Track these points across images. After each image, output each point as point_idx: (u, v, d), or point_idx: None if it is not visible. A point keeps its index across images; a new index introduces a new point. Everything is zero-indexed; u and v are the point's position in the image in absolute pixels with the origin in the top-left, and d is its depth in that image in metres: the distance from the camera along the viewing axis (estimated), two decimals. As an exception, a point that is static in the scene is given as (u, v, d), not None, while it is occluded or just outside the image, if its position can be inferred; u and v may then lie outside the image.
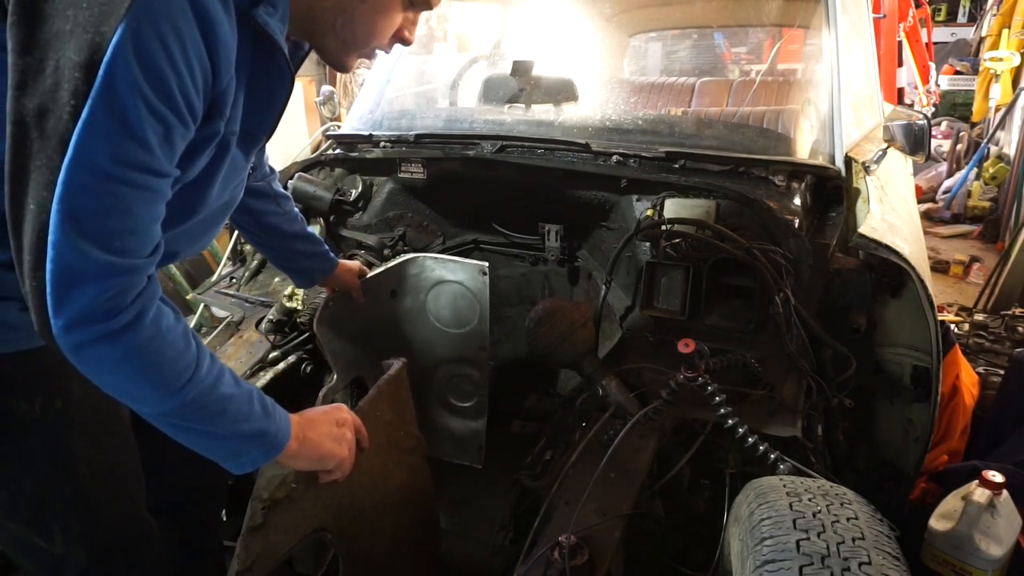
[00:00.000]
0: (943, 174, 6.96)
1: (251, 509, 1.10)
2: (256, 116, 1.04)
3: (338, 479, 1.16)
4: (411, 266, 1.83)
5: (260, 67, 0.98)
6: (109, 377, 0.88)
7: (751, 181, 1.75)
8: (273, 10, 0.94)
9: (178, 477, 1.37)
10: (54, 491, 1.11)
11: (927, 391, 1.63)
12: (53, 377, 1.07)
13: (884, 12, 4.90)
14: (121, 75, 0.77)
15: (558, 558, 1.18)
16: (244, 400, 0.97)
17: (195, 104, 0.86)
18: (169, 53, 0.79)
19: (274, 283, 2.14)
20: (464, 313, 1.85)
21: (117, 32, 0.76)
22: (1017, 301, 3.94)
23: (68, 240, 0.78)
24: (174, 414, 0.92)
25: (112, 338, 0.83)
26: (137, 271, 0.85)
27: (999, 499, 1.51)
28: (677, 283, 1.71)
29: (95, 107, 0.77)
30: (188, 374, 0.90)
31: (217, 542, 1.65)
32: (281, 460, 1.04)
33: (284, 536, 1.16)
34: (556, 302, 1.78)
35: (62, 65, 0.76)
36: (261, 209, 1.50)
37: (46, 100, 0.77)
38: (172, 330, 0.90)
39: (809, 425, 1.52)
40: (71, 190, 0.78)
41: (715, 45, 4.92)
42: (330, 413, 1.15)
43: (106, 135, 0.78)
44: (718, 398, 1.45)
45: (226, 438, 0.96)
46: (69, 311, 0.81)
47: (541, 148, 1.91)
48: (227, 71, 0.89)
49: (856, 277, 1.64)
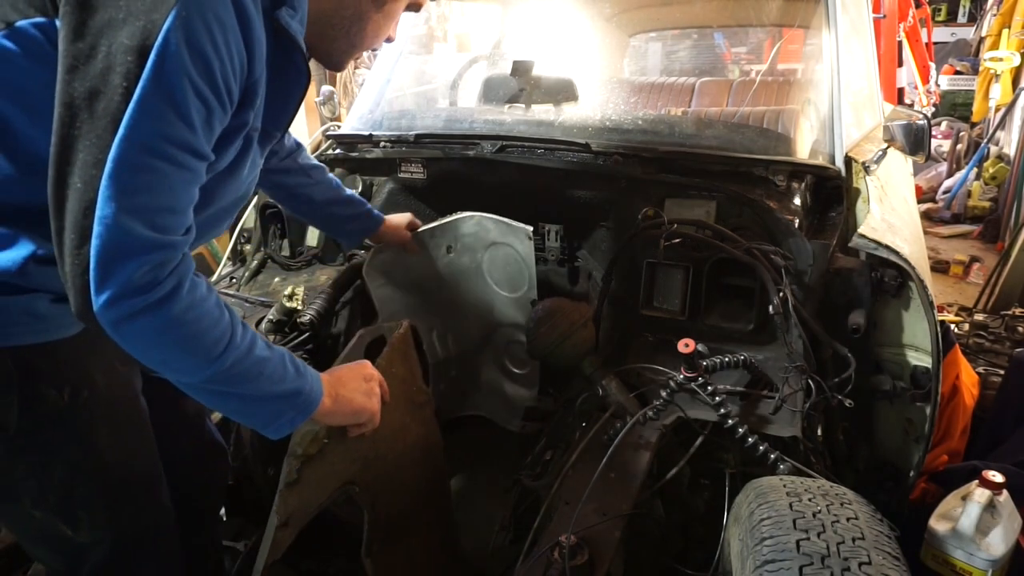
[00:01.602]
0: (943, 174, 6.96)
1: (287, 466, 1.15)
2: (273, 113, 1.09)
3: (366, 433, 1.23)
4: (467, 223, 1.81)
5: (279, 66, 1.04)
6: (151, 349, 0.92)
7: (751, 181, 1.75)
8: (294, 12, 1.00)
9: (178, 474, 1.39)
10: (82, 478, 1.15)
11: (927, 391, 1.63)
12: (79, 367, 1.11)
13: (884, 12, 4.89)
14: (171, 58, 0.83)
15: (558, 558, 1.18)
16: (278, 362, 1.02)
17: (233, 90, 0.92)
18: (214, 40, 0.86)
19: (274, 283, 2.14)
20: (516, 278, 1.83)
21: (168, 19, 0.82)
22: (1017, 301, 3.94)
23: (116, 216, 0.83)
24: (214, 380, 0.96)
25: (152, 310, 0.87)
26: (175, 247, 0.90)
27: (999, 499, 1.51)
28: (677, 283, 1.71)
29: (146, 88, 0.82)
30: (225, 341, 0.94)
31: (216, 540, 1.66)
32: (316, 417, 1.09)
33: (317, 490, 1.22)
34: (556, 302, 1.78)
35: (114, 50, 0.82)
36: (292, 183, 1.60)
37: (97, 83, 0.82)
38: (206, 299, 0.94)
39: (809, 425, 1.52)
40: (121, 167, 0.83)
41: (715, 45, 4.91)
42: (357, 369, 1.21)
43: (156, 114, 0.84)
44: (718, 398, 1.45)
45: (264, 400, 1.01)
46: (112, 286, 0.85)
47: (541, 148, 1.91)
48: (260, 63, 0.96)
49: (856, 277, 1.64)
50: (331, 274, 2.12)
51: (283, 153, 1.57)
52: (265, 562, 1.15)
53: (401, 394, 1.40)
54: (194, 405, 1.54)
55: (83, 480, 1.15)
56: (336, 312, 1.99)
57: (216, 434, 1.60)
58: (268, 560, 1.15)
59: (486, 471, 2.00)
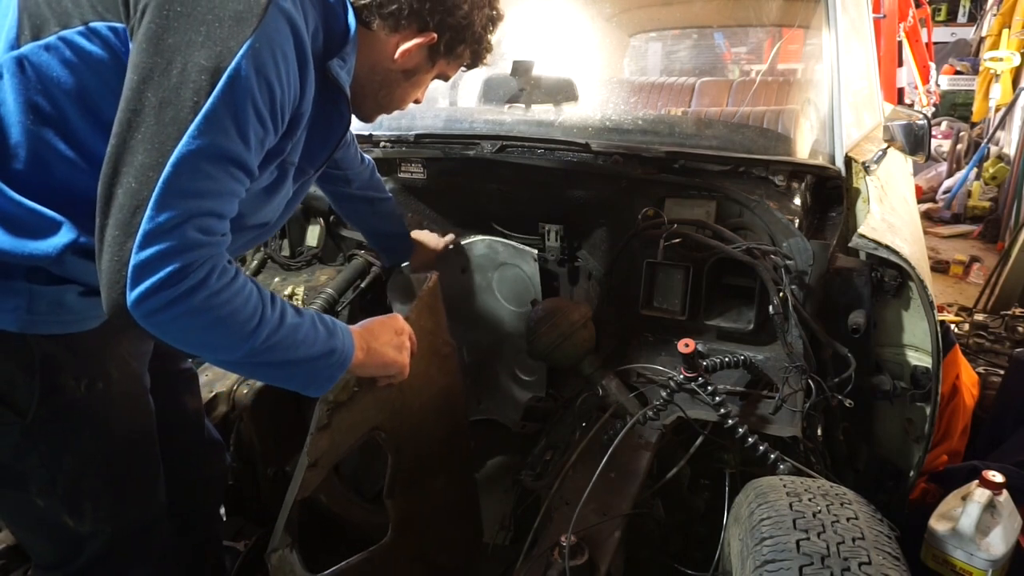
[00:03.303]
0: (943, 174, 6.96)
1: (318, 411, 1.20)
2: (311, 151, 1.19)
3: (394, 383, 1.29)
4: (479, 246, 2.01)
5: (325, 110, 1.13)
6: (186, 335, 0.96)
7: (751, 181, 1.75)
8: (343, 63, 1.11)
9: (176, 471, 1.40)
10: (92, 469, 1.18)
11: (927, 391, 1.63)
12: (97, 360, 1.16)
13: (884, 12, 4.89)
14: (242, 81, 0.91)
15: (558, 558, 1.19)
16: (309, 326, 1.07)
17: (285, 116, 1.01)
18: (278, 71, 0.95)
19: (274, 283, 2.14)
20: (523, 295, 1.98)
21: (243, 47, 0.91)
22: (1017, 301, 3.95)
23: (167, 216, 0.88)
24: (251, 354, 1.00)
25: (183, 299, 0.91)
26: (213, 246, 0.95)
27: (999, 499, 1.51)
28: (677, 283, 1.71)
29: (215, 104, 0.90)
30: (257, 317, 0.99)
31: (215, 538, 1.67)
32: (350, 370, 1.16)
33: (346, 435, 1.28)
34: (556, 302, 1.78)
35: (190, 68, 0.89)
36: (356, 209, 1.76)
37: (169, 94, 0.89)
38: (235, 281, 0.97)
39: (809, 425, 1.52)
40: (181, 171, 0.89)
41: (715, 45, 4.90)
42: (388, 323, 1.27)
43: (220, 128, 0.91)
44: (718, 398, 1.45)
45: (300, 364, 1.06)
46: (149, 282, 0.89)
47: (541, 148, 1.91)
48: (308, 98, 1.06)
49: (856, 277, 1.64)
50: (331, 274, 2.12)
51: (358, 183, 1.70)
52: (295, 498, 1.21)
53: (428, 345, 1.45)
54: (195, 403, 1.55)
55: (92, 471, 1.18)
56: (336, 312, 2.00)
57: (214, 432, 1.62)
58: (298, 496, 1.21)
59: (486, 471, 2.00)
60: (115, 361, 1.20)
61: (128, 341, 1.23)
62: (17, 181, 0.98)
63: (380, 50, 1.16)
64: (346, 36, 1.10)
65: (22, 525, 1.25)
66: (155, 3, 0.91)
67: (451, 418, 1.60)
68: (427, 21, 1.14)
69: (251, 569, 1.77)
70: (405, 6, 1.10)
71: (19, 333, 1.05)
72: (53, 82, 0.96)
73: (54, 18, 0.97)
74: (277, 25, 0.94)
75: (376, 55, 1.16)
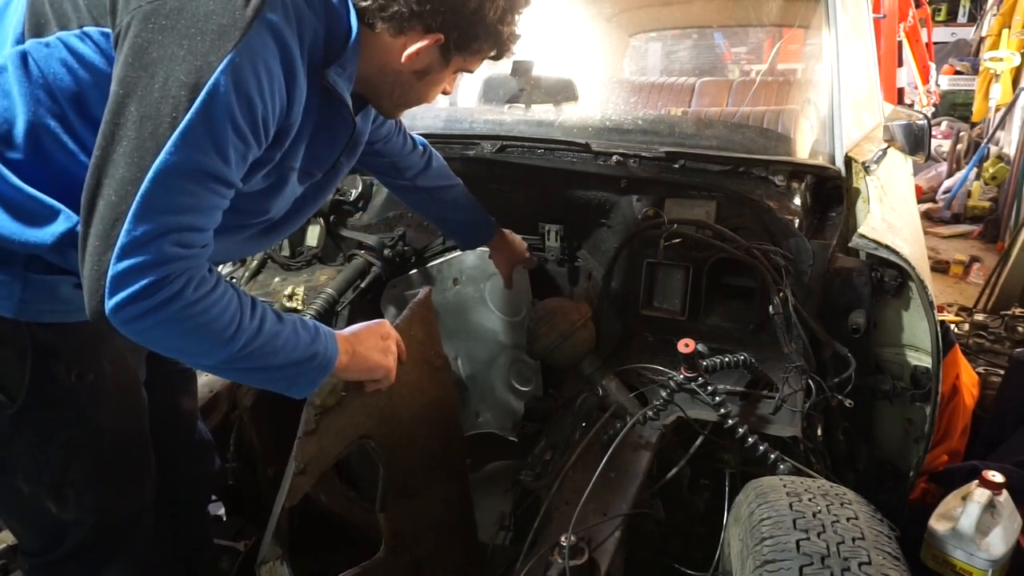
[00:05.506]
0: (943, 174, 6.96)
1: (305, 415, 1.20)
2: (317, 156, 1.20)
3: (382, 388, 1.29)
4: (470, 257, 2.01)
5: (326, 116, 1.14)
6: (162, 342, 0.98)
7: (751, 181, 1.75)
8: (342, 71, 1.10)
9: (167, 470, 1.42)
10: (77, 458, 1.20)
11: (927, 391, 1.63)
12: (90, 351, 1.18)
13: (884, 12, 4.89)
14: (220, 97, 0.90)
15: (558, 558, 1.18)
16: (290, 332, 1.07)
17: (270, 131, 1.01)
18: (259, 85, 0.94)
19: (274, 283, 2.14)
20: (515, 304, 1.99)
21: (223, 63, 0.90)
22: (1017, 301, 3.95)
23: (144, 230, 0.89)
24: (231, 359, 1.01)
25: (159, 309, 0.92)
26: (190, 259, 0.96)
27: (999, 499, 1.51)
28: (677, 283, 1.71)
29: (193, 120, 0.89)
30: (234, 326, 0.99)
31: (206, 537, 1.67)
32: (334, 374, 1.16)
33: (334, 441, 1.27)
34: (556, 302, 1.78)
35: (170, 83, 0.89)
36: (416, 200, 1.76)
37: (150, 109, 0.89)
38: (214, 291, 0.98)
39: (809, 425, 1.52)
40: (157, 187, 0.89)
41: (715, 45, 4.91)
42: (375, 328, 1.27)
43: (197, 145, 0.91)
44: (718, 398, 1.45)
45: (282, 368, 1.07)
46: (126, 292, 0.90)
47: (541, 148, 1.91)
48: (297, 110, 1.05)
49: (856, 277, 1.64)
50: (331, 274, 2.12)
51: (411, 172, 1.68)
52: (283, 506, 1.20)
53: (418, 355, 1.45)
54: (190, 403, 1.56)
55: (78, 460, 1.20)
56: (336, 312, 1.99)
57: (207, 434, 1.63)
58: (286, 504, 1.20)
59: (486, 471, 2.00)
60: (109, 354, 1.21)
61: (123, 335, 1.23)
62: (19, 169, 1.00)
63: (387, 52, 1.13)
64: (347, 41, 1.08)
65: (8, 510, 1.27)
66: (140, 15, 0.91)
67: (444, 430, 1.58)
68: (430, 22, 1.11)
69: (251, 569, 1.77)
70: (406, 9, 1.08)
71: (13, 319, 1.07)
72: (52, 78, 0.98)
73: (55, 19, 0.99)
74: (262, 39, 0.93)
75: (384, 57, 1.14)
